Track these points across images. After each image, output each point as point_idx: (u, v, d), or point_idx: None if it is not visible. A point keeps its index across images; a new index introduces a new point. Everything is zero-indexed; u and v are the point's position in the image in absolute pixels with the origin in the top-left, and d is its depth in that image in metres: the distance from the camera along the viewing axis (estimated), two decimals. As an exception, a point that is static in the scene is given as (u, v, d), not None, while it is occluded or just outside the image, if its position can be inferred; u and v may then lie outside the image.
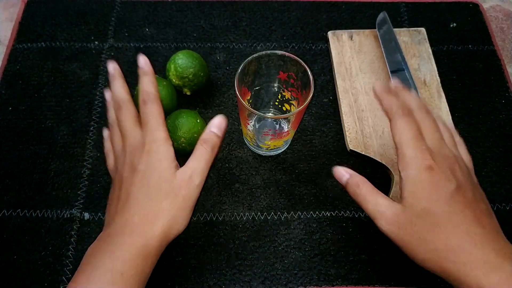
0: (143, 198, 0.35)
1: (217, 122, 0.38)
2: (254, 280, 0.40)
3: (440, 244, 0.32)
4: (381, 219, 0.34)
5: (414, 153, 0.33)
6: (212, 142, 0.37)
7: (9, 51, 0.53)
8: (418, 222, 0.32)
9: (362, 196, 0.35)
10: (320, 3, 0.58)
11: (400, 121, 0.34)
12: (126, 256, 0.32)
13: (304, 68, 0.39)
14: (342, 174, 0.37)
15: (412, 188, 0.33)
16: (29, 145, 0.47)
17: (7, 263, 0.41)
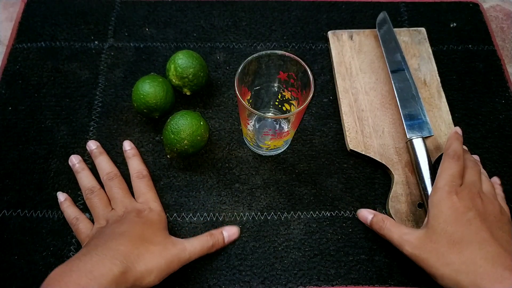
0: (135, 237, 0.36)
1: (232, 231, 0.42)
2: (254, 280, 0.41)
3: (455, 258, 0.35)
4: (406, 244, 0.38)
5: (444, 184, 0.39)
6: (217, 239, 0.41)
7: (9, 51, 0.53)
8: (437, 239, 0.36)
9: (388, 229, 0.40)
10: (320, 3, 0.58)
11: (449, 161, 0.40)
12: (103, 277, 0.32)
13: (304, 68, 0.39)
14: (367, 216, 0.42)
15: (435, 212, 0.38)
16: (29, 145, 0.47)
17: (8, 263, 0.41)
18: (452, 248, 0.35)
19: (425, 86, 0.50)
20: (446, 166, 0.40)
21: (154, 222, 0.39)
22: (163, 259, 0.36)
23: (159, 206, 0.42)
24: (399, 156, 0.46)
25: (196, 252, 0.39)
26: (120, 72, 0.52)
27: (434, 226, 0.37)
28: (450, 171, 0.40)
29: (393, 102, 0.49)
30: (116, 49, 0.53)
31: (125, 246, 0.35)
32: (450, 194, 0.38)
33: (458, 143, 0.42)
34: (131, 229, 0.37)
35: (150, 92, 0.45)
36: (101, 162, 0.44)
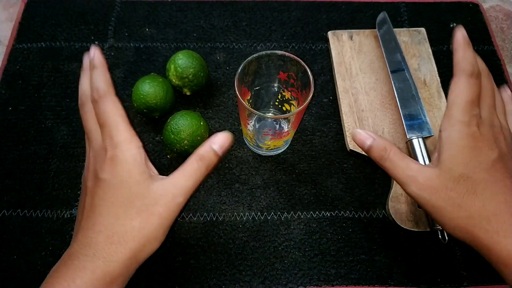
0: (108, 215, 0.31)
1: (221, 139, 0.33)
2: (254, 280, 0.41)
3: (475, 211, 0.30)
4: (411, 184, 0.32)
5: (462, 116, 0.32)
6: (209, 160, 0.32)
7: (9, 51, 0.53)
8: (454, 187, 0.31)
9: (390, 161, 0.33)
10: (320, 3, 0.58)
11: (464, 81, 0.33)
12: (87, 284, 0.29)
13: (304, 68, 0.39)
14: (365, 137, 0.34)
15: (452, 151, 0.32)
16: (29, 145, 0.47)
17: (7, 263, 0.41)
18: (474, 199, 0.30)
19: (425, 86, 0.50)
20: (462, 88, 0.33)
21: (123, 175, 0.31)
22: (152, 227, 0.31)
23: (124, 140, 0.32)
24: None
25: (189, 189, 0.32)
26: (120, 72, 0.52)
27: (451, 169, 0.31)
28: (467, 95, 0.32)
29: (393, 102, 0.49)
30: (116, 49, 0.53)
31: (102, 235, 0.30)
32: (470, 127, 0.31)
33: (471, 52, 0.34)
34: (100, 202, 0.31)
35: (150, 92, 0.45)
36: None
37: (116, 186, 0.31)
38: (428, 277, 0.41)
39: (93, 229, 0.30)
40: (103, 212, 0.31)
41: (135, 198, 0.31)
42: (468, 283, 0.41)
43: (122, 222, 0.30)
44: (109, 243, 0.30)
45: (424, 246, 0.42)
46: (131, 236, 0.30)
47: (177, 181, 0.32)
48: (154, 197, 0.31)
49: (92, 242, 0.30)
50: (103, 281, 0.29)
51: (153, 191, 0.31)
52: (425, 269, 0.41)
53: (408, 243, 0.43)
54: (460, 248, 0.42)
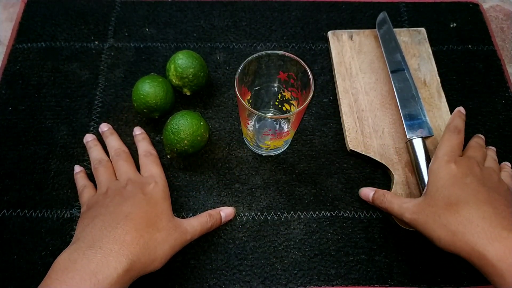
0: (141, 221, 0.36)
1: (228, 212, 0.43)
2: (254, 280, 0.41)
3: (452, 219, 0.35)
4: (405, 212, 0.39)
5: (443, 154, 0.40)
6: (215, 221, 0.41)
7: (9, 51, 0.53)
8: (435, 203, 0.37)
9: (388, 201, 0.41)
10: (320, 3, 0.58)
11: (449, 134, 0.42)
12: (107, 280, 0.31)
13: (304, 68, 0.39)
14: (368, 192, 0.43)
15: (433, 179, 0.39)
16: (29, 145, 0.47)
17: (7, 263, 0.41)
18: (449, 209, 0.36)
19: (425, 86, 0.50)
20: (446, 138, 0.42)
21: (159, 200, 0.39)
22: (167, 245, 0.36)
23: (164, 181, 0.41)
24: (399, 156, 0.46)
25: (197, 233, 0.39)
26: (120, 72, 0.52)
27: (432, 191, 0.38)
28: (449, 142, 0.41)
29: (393, 102, 0.49)
30: (116, 49, 0.53)
31: (130, 235, 0.34)
32: (448, 162, 0.39)
33: (459, 120, 0.44)
34: (135, 210, 0.37)
35: (150, 92, 0.45)
36: (111, 141, 0.45)
37: (152, 204, 0.38)
38: (428, 277, 0.41)
39: (122, 228, 0.35)
40: (137, 218, 0.36)
41: (163, 218, 0.38)
42: (468, 283, 0.41)
43: (151, 230, 0.36)
44: (135, 244, 0.34)
45: (424, 246, 0.42)
46: (153, 245, 0.35)
47: (192, 223, 0.40)
48: (175, 223, 0.38)
49: (120, 239, 0.34)
50: (122, 279, 0.32)
51: (175, 220, 0.39)
52: (425, 269, 0.41)
53: (408, 243, 0.43)
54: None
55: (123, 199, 0.38)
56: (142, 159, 0.43)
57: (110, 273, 0.31)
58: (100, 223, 0.35)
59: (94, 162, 0.44)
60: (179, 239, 0.38)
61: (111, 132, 0.46)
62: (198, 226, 0.40)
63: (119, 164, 0.43)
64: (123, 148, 0.45)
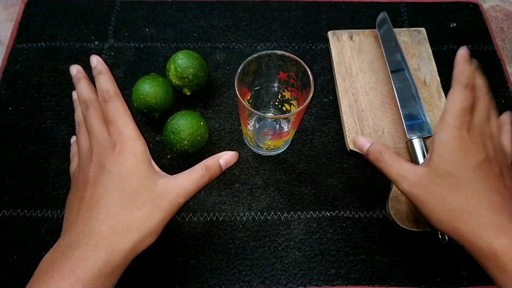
0: (115, 204, 0.32)
1: (228, 157, 0.37)
2: (254, 280, 0.41)
3: (458, 205, 0.32)
4: (403, 181, 0.35)
5: (454, 121, 0.34)
6: (214, 171, 0.36)
7: (9, 51, 0.53)
8: (441, 183, 0.33)
9: (385, 162, 0.36)
10: (320, 3, 0.58)
11: (458, 91, 0.36)
12: (88, 275, 0.29)
13: (304, 68, 0.39)
14: (364, 143, 0.39)
15: (441, 152, 0.34)
16: (29, 145, 0.47)
17: (7, 263, 0.41)
18: (456, 193, 0.33)
19: (425, 86, 0.50)
20: (457, 97, 0.35)
21: (131, 169, 0.33)
22: (155, 220, 0.32)
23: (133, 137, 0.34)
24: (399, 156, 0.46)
25: (191, 192, 0.35)
26: (120, 72, 0.52)
27: (438, 167, 0.34)
28: (460, 104, 0.35)
29: (393, 102, 0.49)
30: (116, 49, 0.53)
31: (106, 223, 0.31)
32: (461, 132, 0.34)
33: (468, 68, 0.37)
34: (105, 191, 0.32)
35: (150, 92, 0.45)
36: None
37: (124, 177, 0.32)
38: (428, 277, 0.41)
39: (96, 218, 0.31)
40: (109, 201, 0.32)
41: (142, 190, 0.32)
42: (468, 283, 0.41)
43: (129, 211, 0.31)
44: (113, 233, 0.31)
45: (424, 246, 0.42)
46: (136, 226, 0.31)
47: (182, 182, 0.34)
48: (160, 191, 0.33)
49: (96, 231, 0.31)
50: (103, 271, 0.30)
51: (159, 186, 0.33)
52: (425, 269, 0.41)
53: (408, 243, 0.43)
54: (460, 248, 0.42)
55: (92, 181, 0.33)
56: (102, 108, 0.36)
57: (89, 267, 0.29)
58: (76, 214, 0.33)
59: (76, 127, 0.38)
60: (169, 207, 0.33)
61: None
62: (192, 184, 0.34)
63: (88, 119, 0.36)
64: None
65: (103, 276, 0.30)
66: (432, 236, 0.42)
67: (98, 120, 0.36)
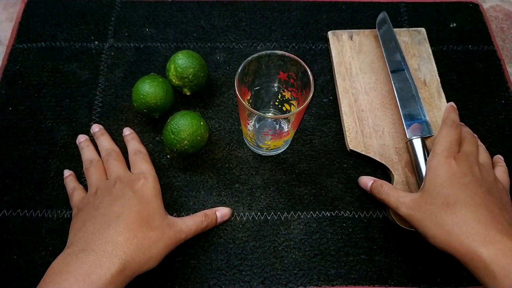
0: (133, 221, 0.36)
1: (224, 212, 0.42)
2: (254, 280, 0.41)
3: (448, 219, 0.35)
4: (402, 206, 0.39)
5: (442, 150, 0.40)
6: (211, 221, 0.41)
7: (9, 51, 0.53)
8: (432, 201, 0.37)
9: (385, 193, 0.41)
10: (320, 3, 0.58)
11: (447, 129, 0.42)
12: (101, 281, 0.31)
13: (304, 68, 0.39)
14: (367, 182, 0.44)
15: (432, 176, 0.39)
16: (29, 145, 0.47)
17: (7, 263, 0.41)
18: (446, 209, 0.36)
19: (425, 86, 0.50)
20: (445, 133, 0.41)
21: (150, 198, 0.38)
22: (162, 244, 0.36)
23: (154, 177, 0.41)
24: (399, 156, 0.46)
25: (191, 232, 0.39)
26: (120, 72, 0.52)
27: (429, 189, 0.38)
28: (448, 138, 0.41)
29: (393, 102, 0.49)
30: (116, 49, 0.53)
31: (123, 235, 0.34)
32: (448, 159, 0.39)
33: (454, 113, 0.44)
34: (126, 209, 0.36)
35: (150, 92, 0.45)
36: (102, 141, 0.45)
37: (144, 202, 0.38)
38: (428, 277, 0.41)
39: (115, 229, 0.35)
40: (128, 218, 0.36)
41: (156, 217, 0.37)
42: (468, 283, 0.41)
43: (144, 230, 0.36)
44: (128, 244, 0.34)
45: (424, 246, 0.42)
46: (148, 244, 0.35)
47: (186, 222, 0.39)
48: (169, 222, 0.38)
49: (112, 240, 0.34)
50: (115, 279, 0.32)
51: (169, 218, 0.39)
52: (425, 269, 0.41)
53: (408, 243, 0.43)
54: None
55: (113, 199, 0.38)
56: (132, 157, 0.43)
57: (103, 273, 0.32)
58: (91, 226, 0.36)
59: (86, 163, 0.43)
60: (174, 237, 0.37)
61: (102, 132, 0.46)
62: (193, 225, 0.39)
63: (109, 163, 0.42)
64: (113, 148, 0.44)
65: (113, 284, 0.32)
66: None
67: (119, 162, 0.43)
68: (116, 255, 0.33)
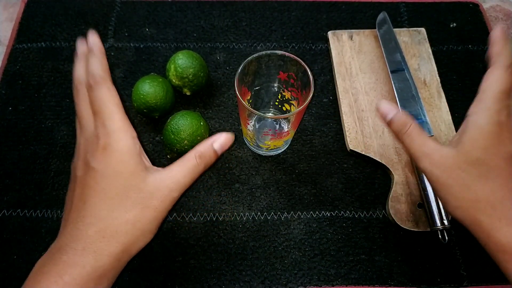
0: (101, 207, 0.30)
1: (222, 140, 0.34)
2: (254, 280, 0.41)
3: (483, 195, 0.31)
4: (425, 160, 0.32)
5: (493, 104, 0.32)
6: (209, 158, 0.33)
7: (9, 51, 0.53)
8: (468, 169, 0.31)
9: (408, 135, 0.33)
10: (320, 3, 0.58)
11: (500, 72, 0.33)
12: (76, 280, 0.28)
13: (304, 68, 0.39)
14: (388, 110, 0.35)
15: (475, 136, 0.32)
16: (29, 145, 0.47)
17: (7, 263, 0.41)
18: (484, 183, 0.31)
19: (425, 86, 0.50)
20: (497, 78, 0.32)
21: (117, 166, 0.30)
22: (146, 220, 0.30)
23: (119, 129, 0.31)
24: (399, 156, 0.46)
25: (186, 184, 0.32)
26: (120, 72, 0.52)
27: (469, 151, 0.31)
28: (502, 85, 0.32)
29: (393, 102, 0.49)
30: (116, 49, 0.53)
31: (93, 228, 0.29)
32: (499, 116, 0.31)
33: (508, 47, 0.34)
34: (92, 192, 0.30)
35: (150, 92, 0.45)
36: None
37: (110, 177, 0.30)
38: (428, 277, 0.41)
39: (83, 221, 0.29)
40: (95, 203, 0.30)
41: (130, 190, 0.30)
42: (468, 283, 0.41)
43: (116, 215, 0.29)
44: (100, 237, 0.29)
45: (424, 246, 0.42)
46: (125, 230, 0.29)
47: (175, 176, 0.31)
48: (150, 190, 0.30)
49: (82, 236, 0.29)
50: (92, 276, 0.28)
51: (149, 183, 0.31)
52: (425, 269, 0.41)
53: (408, 243, 0.43)
54: (460, 248, 0.42)
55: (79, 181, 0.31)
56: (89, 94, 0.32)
57: (77, 273, 0.28)
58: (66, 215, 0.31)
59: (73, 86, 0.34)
60: (162, 205, 0.31)
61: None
62: (186, 176, 0.32)
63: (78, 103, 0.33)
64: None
65: (92, 281, 0.29)
66: (432, 236, 0.42)
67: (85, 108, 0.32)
68: (88, 252, 0.29)
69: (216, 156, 0.33)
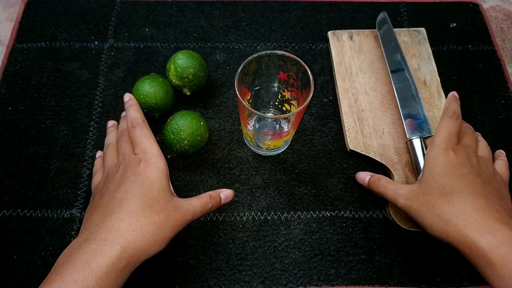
0: (136, 206, 0.35)
1: (227, 194, 0.42)
2: (254, 280, 0.41)
3: (446, 209, 0.35)
4: (400, 198, 0.39)
5: (441, 142, 0.40)
6: (215, 202, 0.40)
7: (9, 51, 0.53)
8: (430, 191, 0.37)
9: (383, 186, 0.41)
10: (320, 3, 0.58)
11: (448, 120, 0.42)
12: (102, 268, 0.31)
13: (304, 68, 0.39)
14: (364, 177, 0.43)
15: (430, 166, 0.39)
16: (29, 145, 0.47)
17: (7, 263, 0.41)
18: (443, 199, 0.36)
19: (425, 86, 0.50)
20: (445, 124, 0.41)
21: (153, 180, 0.37)
22: (168, 227, 0.35)
23: (157, 155, 0.39)
24: (399, 156, 0.46)
25: (197, 213, 0.38)
26: (120, 72, 0.52)
27: (427, 179, 0.38)
28: (448, 129, 0.41)
29: (393, 102, 0.49)
30: (116, 49, 0.53)
31: (125, 222, 0.34)
32: (446, 150, 0.39)
33: (456, 104, 0.44)
34: (128, 195, 0.35)
35: (150, 92, 0.45)
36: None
37: (147, 185, 0.36)
38: (428, 277, 0.41)
39: (116, 216, 0.34)
40: (130, 203, 0.35)
41: (161, 199, 0.36)
42: (468, 283, 0.41)
43: (147, 214, 0.35)
44: (131, 230, 0.33)
45: (424, 246, 0.42)
46: (152, 229, 0.34)
47: (192, 203, 0.38)
48: (175, 204, 0.37)
49: (114, 228, 0.33)
50: (117, 266, 0.32)
51: (175, 199, 0.37)
52: (425, 269, 0.41)
53: (408, 243, 0.43)
54: (460, 248, 0.42)
55: (116, 185, 0.37)
56: (130, 132, 0.41)
57: (104, 261, 0.31)
58: (96, 215, 0.35)
59: (104, 148, 0.43)
60: (180, 220, 0.36)
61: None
62: (199, 206, 0.38)
63: (119, 144, 0.41)
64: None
65: (115, 272, 0.32)
66: (432, 236, 0.42)
67: (128, 143, 0.41)
68: (117, 242, 0.32)
69: (220, 202, 0.41)
